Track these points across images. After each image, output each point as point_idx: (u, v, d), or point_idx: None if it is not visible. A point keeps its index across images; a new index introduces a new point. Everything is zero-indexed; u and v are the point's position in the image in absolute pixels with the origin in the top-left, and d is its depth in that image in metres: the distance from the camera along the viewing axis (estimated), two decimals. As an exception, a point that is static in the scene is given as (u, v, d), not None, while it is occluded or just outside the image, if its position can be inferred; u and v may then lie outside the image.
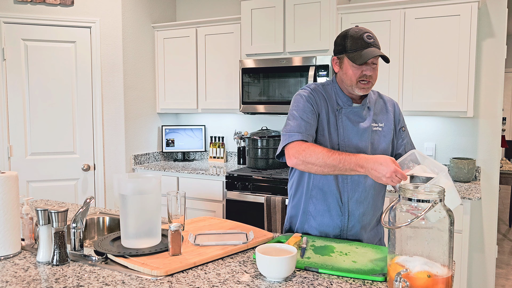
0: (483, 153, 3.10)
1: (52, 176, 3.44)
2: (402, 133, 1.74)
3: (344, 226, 1.67)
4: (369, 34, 1.56)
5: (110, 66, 3.54)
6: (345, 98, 1.65)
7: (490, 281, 3.10)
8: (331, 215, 1.67)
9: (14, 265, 1.39)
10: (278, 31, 3.28)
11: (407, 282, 1.08)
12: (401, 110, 1.76)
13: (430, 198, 1.15)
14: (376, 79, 1.62)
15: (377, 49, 1.55)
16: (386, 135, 1.68)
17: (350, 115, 1.65)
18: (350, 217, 1.66)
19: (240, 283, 1.23)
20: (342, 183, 1.64)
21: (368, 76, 1.57)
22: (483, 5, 3.00)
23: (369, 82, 1.58)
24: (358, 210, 1.66)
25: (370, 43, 1.55)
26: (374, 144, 1.66)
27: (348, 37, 1.58)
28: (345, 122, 1.64)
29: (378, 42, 1.59)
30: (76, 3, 3.42)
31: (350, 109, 1.65)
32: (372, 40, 1.56)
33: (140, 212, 1.45)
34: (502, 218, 5.91)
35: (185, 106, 3.83)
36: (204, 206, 3.42)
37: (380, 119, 1.69)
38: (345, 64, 1.60)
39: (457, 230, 2.62)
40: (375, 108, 1.70)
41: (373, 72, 1.58)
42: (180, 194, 1.65)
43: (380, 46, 1.60)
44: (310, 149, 1.49)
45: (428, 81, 2.91)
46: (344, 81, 1.62)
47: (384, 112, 1.71)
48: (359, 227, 1.67)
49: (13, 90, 3.30)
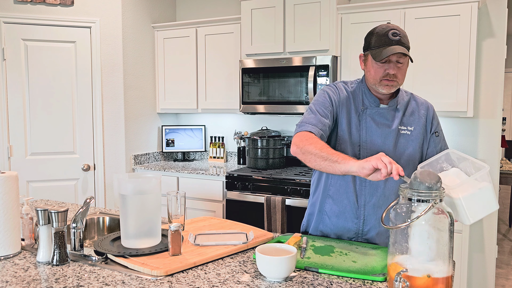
0: (483, 153, 3.10)
1: (52, 176, 3.44)
2: (436, 138, 1.64)
3: (359, 230, 1.63)
4: (396, 31, 1.49)
5: (110, 66, 3.54)
6: (372, 99, 1.60)
7: (490, 281, 3.10)
8: (346, 217, 1.63)
9: (14, 265, 1.39)
10: (278, 31, 3.28)
11: (407, 282, 1.08)
12: (436, 113, 1.68)
13: (430, 198, 1.14)
14: (402, 78, 1.54)
15: (401, 47, 1.47)
16: (414, 139, 1.60)
17: (375, 116, 1.59)
18: (366, 221, 1.61)
19: (240, 283, 1.23)
20: (360, 185, 1.60)
21: (391, 75, 1.50)
22: (483, 5, 3.00)
23: (393, 81, 1.51)
24: (375, 215, 1.60)
25: (394, 41, 1.47)
26: (399, 148, 1.59)
27: (374, 34, 1.53)
28: (369, 123, 1.59)
29: (407, 40, 1.50)
30: (76, 3, 3.42)
31: (375, 110, 1.59)
32: (398, 38, 1.48)
33: (140, 212, 1.45)
34: (502, 218, 5.91)
35: (185, 106, 3.83)
36: (204, 206, 3.42)
37: (410, 122, 1.61)
38: (369, 62, 1.55)
39: (457, 230, 2.62)
40: (405, 110, 1.62)
41: (397, 71, 1.51)
42: (180, 194, 1.65)
43: (409, 45, 1.52)
44: (312, 140, 1.47)
45: (428, 81, 2.91)
46: (368, 79, 1.58)
47: (416, 116, 1.62)
48: (375, 233, 1.61)
49: (13, 90, 3.30)
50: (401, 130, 1.59)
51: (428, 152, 1.64)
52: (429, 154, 1.64)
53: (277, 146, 3.44)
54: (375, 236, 1.62)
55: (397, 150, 1.59)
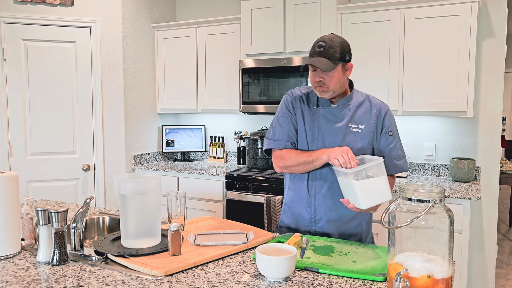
0: (483, 153, 3.10)
1: (52, 176, 3.44)
2: (389, 137, 1.76)
3: (311, 218, 1.78)
4: (322, 43, 1.64)
5: (110, 66, 3.54)
6: (325, 100, 1.76)
7: (490, 281, 3.10)
8: (301, 206, 1.80)
9: (14, 265, 1.39)
10: (278, 31, 3.28)
11: (407, 282, 1.08)
12: (392, 115, 1.79)
13: (430, 198, 1.15)
14: (333, 85, 1.67)
15: (321, 58, 1.62)
16: (364, 136, 1.73)
17: (326, 114, 1.75)
18: (316, 210, 1.76)
19: (240, 283, 1.23)
20: (312, 177, 1.76)
21: (318, 81, 1.67)
22: (483, 5, 3.00)
23: (322, 87, 1.67)
24: (324, 204, 1.75)
25: (317, 52, 1.64)
26: (347, 144, 1.72)
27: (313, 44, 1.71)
28: (321, 121, 1.75)
29: (335, 50, 1.63)
30: (76, 3, 3.42)
31: (327, 109, 1.75)
32: (321, 50, 1.63)
33: (140, 212, 1.45)
34: (502, 218, 5.91)
35: (185, 106, 3.83)
36: (204, 206, 3.42)
37: (361, 121, 1.74)
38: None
39: (457, 230, 2.62)
40: (357, 110, 1.75)
41: (326, 78, 1.65)
42: (180, 194, 1.65)
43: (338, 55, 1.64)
44: (286, 156, 1.75)
45: (428, 81, 2.91)
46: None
47: (367, 115, 1.75)
48: (325, 221, 1.75)
49: (13, 90, 3.30)
50: (352, 127, 1.73)
51: (379, 147, 1.76)
52: (379, 149, 1.77)
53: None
54: (326, 224, 1.76)
55: (345, 144, 1.72)
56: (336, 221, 1.76)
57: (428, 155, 3.24)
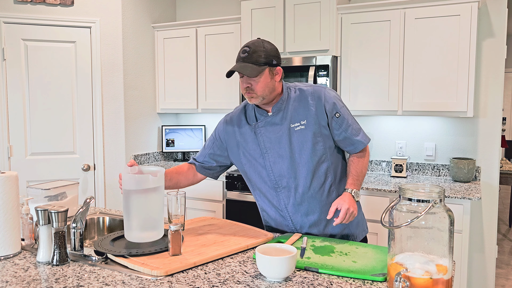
0: (483, 153, 3.10)
1: (52, 176, 3.44)
2: (337, 119, 1.67)
3: (294, 229, 1.75)
4: (246, 48, 1.61)
5: (110, 66, 3.54)
6: (261, 111, 1.72)
7: (490, 281, 3.10)
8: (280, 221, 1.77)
9: (14, 265, 1.39)
10: (278, 31, 3.28)
11: (407, 282, 1.08)
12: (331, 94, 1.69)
13: (430, 198, 1.15)
14: (261, 90, 1.62)
15: (244, 63, 1.59)
16: (309, 130, 1.66)
17: (266, 125, 1.70)
18: (294, 220, 1.73)
19: (240, 283, 1.23)
20: (276, 191, 1.73)
21: (246, 88, 1.63)
22: (483, 5, 3.00)
23: (250, 93, 1.63)
24: (298, 212, 1.72)
25: (241, 58, 1.61)
26: (296, 144, 1.67)
27: None
28: (264, 134, 1.70)
29: (259, 55, 1.59)
30: (76, 3, 3.42)
31: (264, 121, 1.70)
32: (245, 55, 1.60)
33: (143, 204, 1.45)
34: (502, 218, 5.91)
35: (185, 106, 3.83)
36: (204, 206, 3.42)
37: (301, 117, 1.67)
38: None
39: (457, 230, 2.62)
40: (293, 107, 1.68)
41: (253, 84, 1.61)
42: (180, 194, 1.65)
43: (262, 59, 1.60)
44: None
45: (428, 81, 2.91)
46: None
47: (305, 107, 1.68)
48: (307, 227, 1.73)
49: (13, 90, 3.30)
50: (295, 127, 1.67)
51: (333, 132, 1.69)
52: (335, 134, 1.69)
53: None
54: (309, 229, 1.73)
55: (294, 148, 1.67)
56: (317, 224, 1.72)
57: (428, 155, 3.24)
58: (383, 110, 3.05)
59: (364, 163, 1.74)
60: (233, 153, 1.80)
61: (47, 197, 1.84)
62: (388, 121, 3.37)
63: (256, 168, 1.74)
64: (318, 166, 1.68)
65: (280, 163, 1.69)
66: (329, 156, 1.70)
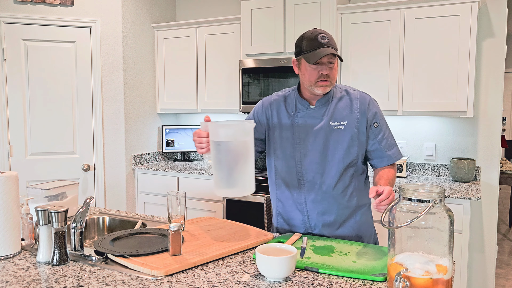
0: (483, 153, 3.10)
1: (52, 176, 3.44)
2: (374, 129, 1.69)
3: (307, 225, 1.74)
4: (324, 34, 1.59)
5: (110, 66, 3.54)
6: (303, 102, 1.71)
7: (490, 281, 3.10)
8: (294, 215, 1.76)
9: (14, 265, 1.39)
10: (278, 31, 3.28)
11: (407, 282, 1.08)
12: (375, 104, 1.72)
13: (430, 198, 1.15)
14: (334, 78, 1.64)
15: (331, 48, 1.57)
16: (348, 133, 1.67)
17: (305, 117, 1.70)
18: (310, 216, 1.72)
19: (240, 283, 1.23)
20: (299, 183, 1.72)
21: (325, 75, 1.60)
22: (483, 5, 3.00)
23: (327, 81, 1.61)
24: (316, 209, 1.71)
25: (323, 43, 1.58)
26: (332, 143, 1.67)
27: (304, 39, 1.62)
28: (301, 125, 1.70)
29: (334, 42, 1.62)
30: (76, 3, 3.42)
31: (305, 112, 1.70)
32: (327, 40, 1.58)
33: (232, 158, 1.42)
34: (502, 218, 5.91)
35: (185, 106, 3.83)
36: (204, 206, 3.42)
37: (343, 117, 1.68)
38: (303, 66, 1.64)
39: (457, 230, 2.62)
40: (337, 106, 1.69)
41: (330, 71, 1.60)
42: (180, 194, 1.65)
43: (336, 47, 1.62)
44: None
45: (428, 81, 2.91)
46: (304, 82, 1.67)
47: (348, 110, 1.68)
48: (320, 226, 1.72)
49: (13, 90, 3.30)
50: (334, 126, 1.67)
51: (369, 143, 1.70)
52: (370, 145, 1.70)
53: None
54: (321, 229, 1.72)
55: (329, 145, 1.67)
56: (331, 225, 1.72)
57: (428, 155, 3.25)
58: (383, 110, 3.04)
59: (394, 174, 1.72)
60: (267, 135, 1.79)
61: (47, 197, 1.84)
62: (388, 121, 3.37)
63: (285, 157, 1.73)
64: (347, 169, 1.68)
65: (310, 156, 1.68)
66: (359, 163, 1.71)
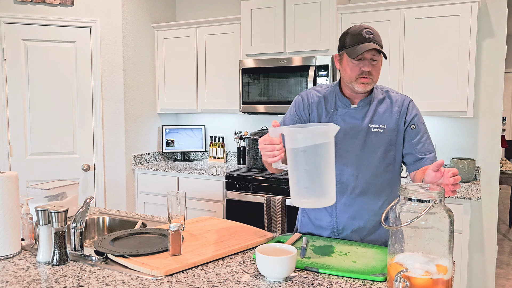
0: (483, 153, 3.10)
1: (52, 176, 3.44)
2: (411, 131, 1.62)
3: (334, 228, 1.68)
4: (369, 30, 1.53)
5: (110, 66, 3.54)
6: (344, 99, 1.64)
7: (490, 281, 3.10)
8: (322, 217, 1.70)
9: (14, 265, 1.39)
10: (278, 31, 3.28)
11: (407, 282, 1.08)
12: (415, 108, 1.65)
13: (430, 198, 1.14)
14: (377, 76, 1.57)
15: (375, 44, 1.50)
16: (386, 137, 1.61)
17: (345, 116, 1.63)
18: (339, 220, 1.66)
19: (240, 283, 1.23)
20: None
21: (367, 72, 1.53)
22: (483, 5, 3.00)
23: (368, 78, 1.54)
24: (346, 213, 1.64)
25: (368, 38, 1.51)
26: (369, 146, 1.61)
27: (348, 33, 1.56)
28: (340, 124, 1.63)
29: (380, 39, 1.54)
30: (76, 3, 3.42)
31: (346, 111, 1.63)
32: (371, 36, 1.51)
33: (315, 166, 1.32)
34: (502, 218, 5.91)
35: (185, 106, 3.83)
36: (204, 206, 3.42)
37: (382, 120, 1.62)
38: (344, 60, 1.58)
39: (457, 230, 2.62)
40: (378, 108, 1.63)
41: (372, 68, 1.54)
42: (180, 194, 1.65)
43: (382, 44, 1.56)
44: None
45: (428, 81, 2.91)
46: (344, 78, 1.60)
47: (388, 113, 1.62)
48: (349, 231, 1.65)
49: (13, 90, 3.30)
50: (372, 128, 1.61)
51: (404, 146, 1.63)
52: (405, 148, 1.63)
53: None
54: (350, 234, 1.66)
55: (366, 148, 1.61)
56: (360, 230, 1.64)
57: (428, 155, 3.24)
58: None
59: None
60: None
61: (47, 197, 1.84)
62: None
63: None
64: (382, 173, 1.62)
65: (346, 158, 1.62)
66: (395, 168, 1.65)
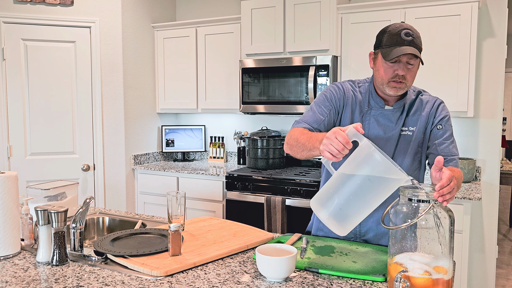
0: (483, 153, 3.09)
1: (52, 176, 3.43)
2: (437, 131, 1.55)
3: (357, 231, 1.62)
4: (409, 31, 1.43)
5: (110, 66, 3.54)
6: (378, 100, 1.56)
7: (491, 281, 3.10)
8: None
9: (14, 265, 1.39)
10: (278, 31, 3.28)
11: (407, 282, 1.08)
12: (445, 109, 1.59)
13: (430, 198, 1.14)
14: (411, 80, 1.49)
15: (413, 48, 1.41)
16: (415, 139, 1.56)
17: (379, 117, 1.56)
18: (362, 223, 1.59)
19: (240, 283, 1.23)
20: None
21: (400, 76, 1.45)
22: (483, 5, 3.00)
23: (401, 83, 1.46)
24: (371, 217, 1.58)
25: (406, 41, 1.41)
26: (402, 149, 1.56)
27: (386, 32, 1.47)
28: (372, 124, 1.56)
29: (420, 41, 1.45)
30: (76, 3, 3.42)
31: (380, 112, 1.56)
32: (410, 38, 1.42)
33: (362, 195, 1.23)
34: (502, 218, 5.91)
35: (185, 106, 3.83)
36: (204, 206, 3.42)
37: (412, 123, 1.56)
38: (378, 60, 1.50)
39: (457, 230, 2.62)
40: (409, 110, 1.57)
41: (407, 72, 1.45)
42: (180, 194, 1.65)
43: (422, 47, 1.47)
44: (293, 133, 1.51)
45: (428, 81, 2.90)
46: (376, 79, 1.53)
47: (418, 115, 1.57)
48: (372, 235, 1.61)
49: (13, 90, 3.30)
50: (403, 131, 1.56)
51: (429, 145, 1.58)
52: (429, 148, 1.58)
53: (277, 146, 3.44)
54: (373, 237, 1.62)
55: (397, 151, 1.56)
56: (384, 235, 1.60)
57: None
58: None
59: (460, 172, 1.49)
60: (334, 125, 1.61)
61: (47, 197, 1.84)
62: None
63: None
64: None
65: None
66: (421, 170, 1.62)
